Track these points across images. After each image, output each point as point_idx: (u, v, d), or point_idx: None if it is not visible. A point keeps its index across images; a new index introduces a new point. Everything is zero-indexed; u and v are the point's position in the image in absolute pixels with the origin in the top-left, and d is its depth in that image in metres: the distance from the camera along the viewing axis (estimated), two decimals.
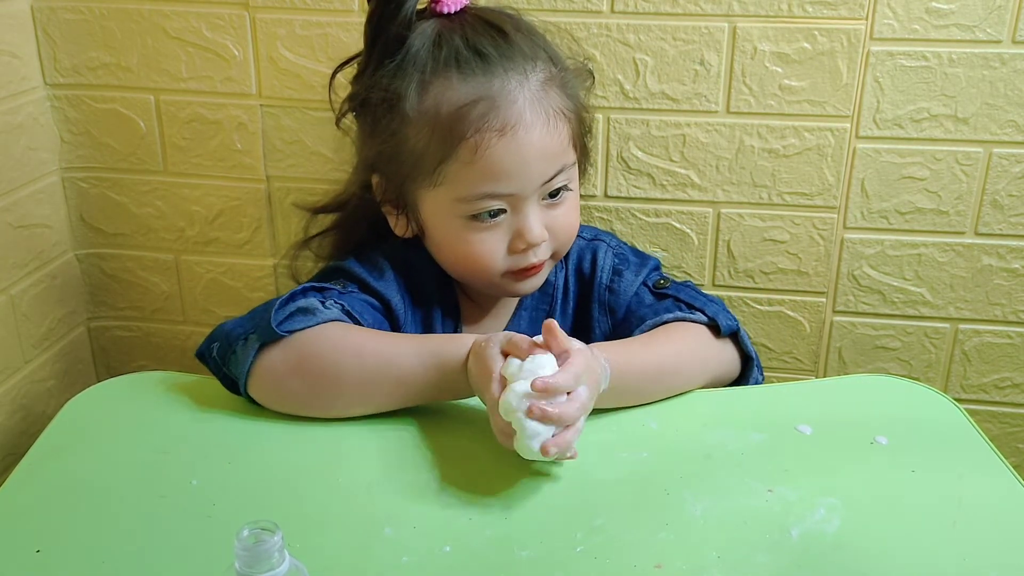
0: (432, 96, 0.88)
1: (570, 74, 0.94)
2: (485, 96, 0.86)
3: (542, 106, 0.88)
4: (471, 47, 0.88)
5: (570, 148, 0.92)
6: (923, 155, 1.11)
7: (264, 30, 1.13)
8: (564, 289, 1.04)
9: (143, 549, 0.71)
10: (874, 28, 1.06)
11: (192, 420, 0.87)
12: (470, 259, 0.93)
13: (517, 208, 0.90)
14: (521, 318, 1.03)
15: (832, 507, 0.74)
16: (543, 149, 0.88)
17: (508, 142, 0.86)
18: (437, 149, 0.88)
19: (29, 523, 0.74)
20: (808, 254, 1.17)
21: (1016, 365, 1.20)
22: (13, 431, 1.16)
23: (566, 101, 0.91)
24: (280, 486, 0.78)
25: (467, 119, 0.86)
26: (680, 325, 0.95)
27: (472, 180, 0.88)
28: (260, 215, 1.23)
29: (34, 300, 1.20)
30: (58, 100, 1.20)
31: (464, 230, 0.91)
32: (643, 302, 1.01)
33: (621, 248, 1.06)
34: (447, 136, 0.87)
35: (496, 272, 0.94)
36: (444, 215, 0.92)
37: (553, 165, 0.90)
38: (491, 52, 0.87)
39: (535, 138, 0.88)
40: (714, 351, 0.95)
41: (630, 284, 1.02)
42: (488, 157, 0.86)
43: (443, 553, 0.70)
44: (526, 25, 0.94)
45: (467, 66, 0.87)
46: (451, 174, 0.88)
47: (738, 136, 1.12)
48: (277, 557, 0.56)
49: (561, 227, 0.94)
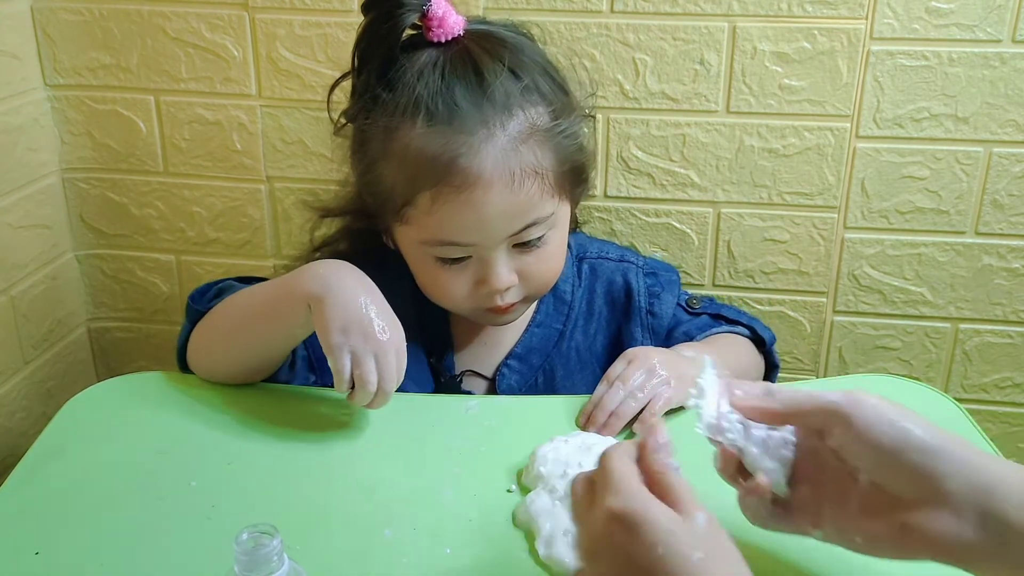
0: (399, 140, 0.85)
1: (566, 123, 0.89)
2: (447, 150, 0.83)
3: (508, 165, 0.84)
4: (442, 95, 0.84)
5: (546, 201, 0.87)
6: (923, 155, 1.11)
7: (264, 30, 1.13)
8: (588, 310, 1.03)
9: (142, 550, 0.71)
10: (874, 28, 1.06)
11: (192, 421, 0.87)
12: (437, 292, 0.93)
13: (482, 256, 0.88)
14: (533, 335, 1.01)
15: None
16: (504, 209, 0.85)
17: (466, 199, 0.84)
18: (401, 192, 0.86)
19: (28, 524, 0.74)
20: (808, 254, 1.17)
21: (1016, 365, 1.20)
22: (13, 431, 1.16)
23: (544, 156, 0.86)
24: (280, 487, 0.78)
25: (426, 171, 0.84)
26: (733, 337, 1.02)
27: (432, 227, 0.87)
28: (260, 215, 1.23)
29: (34, 301, 1.20)
30: (58, 101, 1.20)
31: (431, 266, 0.90)
32: (682, 319, 1.04)
33: (648, 265, 1.06)
34: (409, 182, 0.85)
35: (463, 307, 0.93)
36: (412, 250, 0.91)
37: (518, 221, 0.86)
38: (461, 103, 0.83)
39: (494, 197, 0.84)
40: (756, 360, 1.04)
41: (668, 305, 1.03)
42: (445, 211, 0.84)
43: (443, 555, 0.70)
44: (523, 61, 0.88)
45: (434, 116, 0.84)
46: (413, 218, 0.87)
47: (738, 136, 1.12)
48: (276, 561, 0.56)
49: (534, 273, 0.91)
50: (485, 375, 1.00)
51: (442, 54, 0.86)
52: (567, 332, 1.01)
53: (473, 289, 0.90)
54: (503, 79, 0.85)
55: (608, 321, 1.03)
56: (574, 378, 1.01)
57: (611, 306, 1.03)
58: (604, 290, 1.03)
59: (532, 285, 0.92)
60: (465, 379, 0.99)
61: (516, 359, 1.00)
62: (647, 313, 1.02)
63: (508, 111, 0.85)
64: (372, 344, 0.80)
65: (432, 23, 0.86)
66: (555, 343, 1.01)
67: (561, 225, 0.92)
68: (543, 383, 1.00)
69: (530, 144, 0.85)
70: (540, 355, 1.00)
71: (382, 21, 0.85)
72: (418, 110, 0.84)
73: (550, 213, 0.88)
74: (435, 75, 0.85)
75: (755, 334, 1.04)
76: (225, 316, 0.91)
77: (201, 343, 0.93)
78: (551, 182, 0.87)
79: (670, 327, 1.03)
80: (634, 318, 1.02)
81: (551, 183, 0.87)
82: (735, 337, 1.03)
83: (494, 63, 0.85)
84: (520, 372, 1.00)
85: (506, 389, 0.99)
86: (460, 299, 0.91)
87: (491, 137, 0.84)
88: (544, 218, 0.88)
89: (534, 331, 1.01)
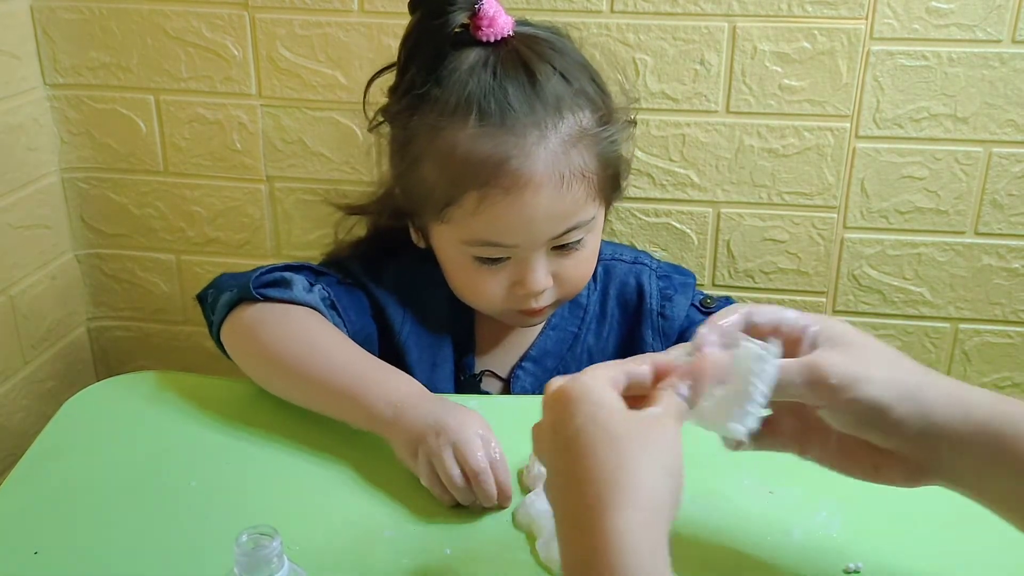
0: (446, 139, 0.84)
1: (611, 129, 0.89)
2: (498, 151, 0.83)
3: (558, 167, 0.84)
4: (494, 94, 0.83)
5: (588, 205, 0.88)
6: (923, 155, 1.11)
7: (264, 30, 1.13)
8: (601, 312, 1.02)
9: (142, 550, 0.71)
10: (874, 28, 1.06)
11: (191, 420, 0.87)
12: (469, 292, 0.93)
13: (521, 257, 0.88)
14: (548, 337, 1.00)
15: (834, 509, 0.74)
16: (552, 211, 0.85)
17: (513, 200, 0.83)
18: (444, 191, 0.86)
19: (27, 524, 0.74)
20: (808, 254, 1.17)
21: (1016, 364, 1.20)
22: (13, 431, 1.16)
23: (591, 160, 0.86)
24: (280, 487, 0.78)
25: (475, 171, 0.83)
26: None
27: (475, 228, 0.86)
28: (260, 215, 1.23)
29: (34, 300, 1.20)
30: (58, 100, 1.20)
31: (467, 266, 0.90)
32: (695, 321, 1.00)
33: (662, 268, 1.05)
34: (455, 182, 0.85)
35: (495, 307, 0.93)
36: (449, 248, 0.91)
37: (562, 224, 0.86)
38: (514, 103, 0.83)
39: (543, 200, 0.84)
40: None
41: (681, 308, 1.01)
42: (491, 212, 0.84)
43: (443, 555, 0.70)
44: (571, 65, 0.88)
45: (486, 115, 0.83)
46: (455, 217, 0.86)
47: (738, 136, 1.12)
48: (276, 562, 0.56)
49: (569, 277, 0.91)
50: (501, 376, 1.00)
51: (491, 54, 0.86)
52: (581, 335, 1.01)
53: (508, 290, 0.90)
54: (554, 82, 0.85)
55: (620, 323, 1.02)
56: None
57: (623, 308, 1.03)
58: (617, 292, 1.03)
59: (565, 288, 0.92)
60: (484, 380, 0.99)
61: (531, 361, 1.00)
62: (658, 316, 1.01)
63: (559, 113, 0.84)
64: (446, 435, 0.75)
65: (482, 22, 0.85)
66: (569, 346, 1.01)
67: (597, 229, 0.92)
68: None
69: (579, 148, 0.85)
70: (555, 358, 1.00)
71: (432, 18, 0.84)
72: (470, 109, 0.83)
73: (591, 217, 0.89)
74: (487, 74, 0.84)
75: None
76: (289, 352, 0.86)
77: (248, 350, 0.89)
78: (595, 186, 0.87)
79: (682, 329, 1.01)
80: (645, 320, 1.01)
81: (595, 187, 0.87)
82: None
83: (545, 65, 0.85)
84: (535, 375, 0.99)
85: (520, 391, 0.99)
86: (494, 300, 0.91)
87: (543, 139, 0.83)
88: (586, 222, 0.88)
89: (549, 334, 1.01)
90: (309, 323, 0.88)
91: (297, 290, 0.90)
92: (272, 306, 0.89)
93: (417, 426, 0.77)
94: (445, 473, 0.73)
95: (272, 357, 0.87)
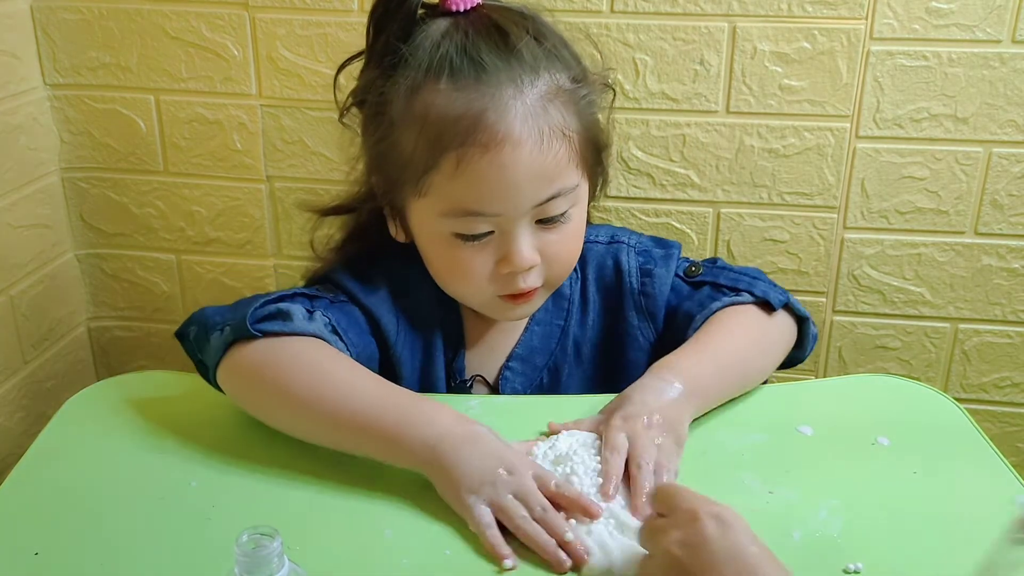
0: (422, 101, 0.82)
1: (587, 89, 0.87)
2: (474, 107, 0.80)
3: (537, 123, 0.81)
4: (468, 53, 0.82)
5: (572, 170, 0.85)
6: (923, 155, 1.11)
7: (264, 30, 1.13)
8: (583, 301, 0.98)
9: (142, 551, 0.71)
10: (874, 28, 1.06)
11: (192, 421, 0.87)
12: (454, 276, 0.89)
13: (505, 230, 0.85)
14: (533, 334, 0.97)
15: (834, 509, 0.74)
16: (534, 169, 0.82)
17: (492, 158, 0.80)
18: (422, 157, 0.83)
19: (27, 525, 0.74)
20: (808, 254, 1.17)
21: (1016, 364, 1.20)
22: (13, 431, 1.16)
23: (570, 119, 0.84)
24: (280, 488, 0.78)
25: (452, 130, 0.81)
26: (733, 312, 0.92)
27: (455, 195, 0.83)
28: (260, 215, 1.23)
29: (34, 300, 1.20)
30: (58, 100, 1.20)
31: (449, 246, 0.86)
32: (682, 294, 0.96)
33: (642, 243, 1.00)
34: (432, 145, 0.82)
35: (482, 293, 0.89)
36: (430, 228, 0.87)
37: (546, 188, 0.83)
38: (488, 60, 0.81)
39: (524, 156, 0.81)
40: (775, 329, 0.94)
41: (663, 282, 0.96)
42: (471, 172, 0.81)
43: (443, 556, 0.70)
44: (543, 29, 0.86)
45: (460, 73, 0.81)
46: (435, 186, 0.83)
47: (738, 136, 1.12)
48: (276, 563, 0.56)
49: (556, 254, 0.88)
50: (489, 381, 0.97)
51: (462, 19, 0.85)
52: (567, 327, 0.98)
53: (494, 272, 0.87)
54: (527, 41, 0.84)
55: (602, 308, 0.99)
56: (576, 374, 0.98)
57: (604, 292, 0.99)
58: (595, 276, 0.99)
59: (553, 269, 0.89)
60: (475, 385, 0.97)
61: (518, 360, 0.97)
62: (640, 294, 0.97)
63: (535, 71, 0.83)
64: (504, 483, 0.73)
65: None
66: (558, 340, 0.98)
67: (582, 203, 0.90)
68: (548, 383, 0.97)
69: (556, 104, 0.83)
70: (543, 354, 0.97)
71: None
72: (443, 69, 0.82)
73: (575, 184, 0.86)
74: (459, 35, 0.83)
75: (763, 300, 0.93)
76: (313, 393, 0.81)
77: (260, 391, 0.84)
78: (577, 147, 0.85)
79: (670, 309, 0.97)
80: (627, 301, 0.97)
81: (577, 148, 0.85)
82: (737, 312, 0.92)
83: (517, 28, 0.84)
84: (524, 374, 0.97)
85: (511, 392, 0.96)
86: (480, 283, 0.88)
87: (519, 95, 0.81)
88: (570, 189, 0.85)
89: (534, 329, 0.98)
90: (320, 356, 0.84)
91: (298, 320, 0.85)
92: (274, 342, 0.84)
93: (469, 471, 0.74)
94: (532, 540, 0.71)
95: (283, 397, 0.82)
